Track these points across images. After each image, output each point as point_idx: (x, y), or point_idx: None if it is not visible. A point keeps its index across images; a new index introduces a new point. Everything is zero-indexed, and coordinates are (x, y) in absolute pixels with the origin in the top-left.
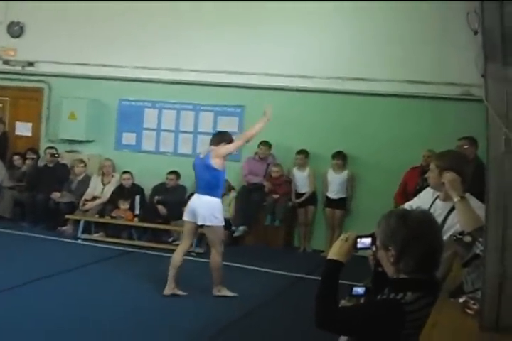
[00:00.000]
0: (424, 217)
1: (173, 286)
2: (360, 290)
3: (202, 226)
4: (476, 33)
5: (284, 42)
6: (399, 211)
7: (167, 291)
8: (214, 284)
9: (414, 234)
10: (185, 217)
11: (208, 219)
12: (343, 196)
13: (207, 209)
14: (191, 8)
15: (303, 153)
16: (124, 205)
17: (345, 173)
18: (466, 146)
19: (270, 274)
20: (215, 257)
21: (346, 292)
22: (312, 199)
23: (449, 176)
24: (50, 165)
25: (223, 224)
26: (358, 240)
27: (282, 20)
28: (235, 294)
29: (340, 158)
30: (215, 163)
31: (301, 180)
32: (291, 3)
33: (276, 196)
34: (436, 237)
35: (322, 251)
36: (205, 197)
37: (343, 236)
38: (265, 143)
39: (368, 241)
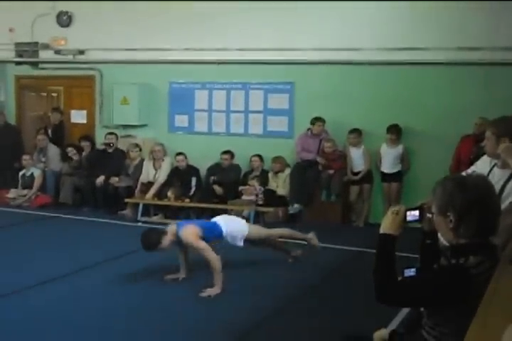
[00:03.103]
0: (481, 180)
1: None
2: (411, 271)
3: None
4: None
5: (328, 14)
6: (455, 177)
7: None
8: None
9: (473, 198)
10: None
11: None
12: (398, 170)
13: None
14: None
15: (356, 131)
16: (171, 193)
17: (399, 147)
18: None
19: (330, 249)
20: None
21: (402, 265)
22: (368, 177)
23: (503, 145)
24: (109, 150)
25: None
26: (408, 213)
27: None
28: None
29: (395, 132)
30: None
31: (357, 158)
32: None
33: (331, 171)
34: (494, 200)
35: (380, 225)
36: None
37: (393, 210)
38: (319, 119)
39: (416, 213)
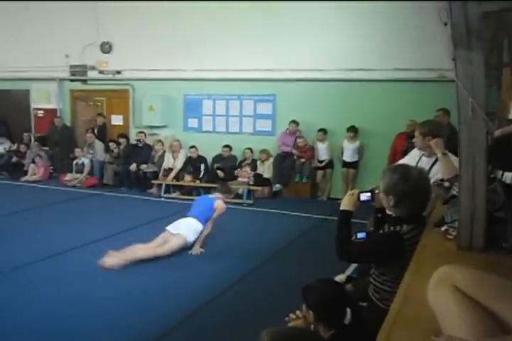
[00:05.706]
0: (421, 175)
1: None
2: (362, 234)
3: None
4: (445, 24)
5: (300, 45)
6: (402, 168)
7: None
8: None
9: (410, 189)
10: None
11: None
12: (355, 159)
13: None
14: (238, 26)
15: (322, 130)
16: (187, 177)
17: (357, 143)
18: (440, 116)
19: (302, 217)
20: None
21: (356, 229)
22: (329, 164)
23: (435, 140)
24: (140, 145)
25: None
26: (361, 195)
27: (301, 29)
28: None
29: (353, 131)
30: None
31: (322, 150)
32: (308, 16)
33: (302, 160)
34: (427, 188)
35: (339, 199)
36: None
37: (350, 192)
38: (294, 122)
39: (368, 195)
